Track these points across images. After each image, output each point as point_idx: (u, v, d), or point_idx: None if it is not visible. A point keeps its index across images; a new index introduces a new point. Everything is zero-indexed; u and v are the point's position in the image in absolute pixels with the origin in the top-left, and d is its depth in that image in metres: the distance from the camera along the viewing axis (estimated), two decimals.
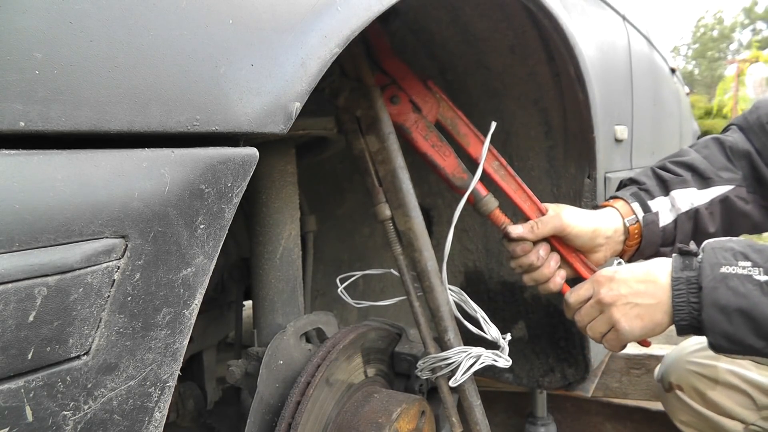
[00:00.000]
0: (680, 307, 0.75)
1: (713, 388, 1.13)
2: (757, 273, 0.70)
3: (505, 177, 0.93)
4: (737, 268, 0.71)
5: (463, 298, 0.82)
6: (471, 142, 0.91)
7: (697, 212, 0.95)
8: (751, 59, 17.84)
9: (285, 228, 0.81)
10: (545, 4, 0.86)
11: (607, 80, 1.18)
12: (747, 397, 1.10)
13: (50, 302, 0.34)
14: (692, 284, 0.75)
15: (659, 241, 0.96)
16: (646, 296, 0.79)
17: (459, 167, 0.88)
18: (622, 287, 0.81)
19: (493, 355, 0.78)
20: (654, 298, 0.78)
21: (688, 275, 0.75)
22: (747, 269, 0.71)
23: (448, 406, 0.78)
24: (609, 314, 0.81)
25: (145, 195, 0.38)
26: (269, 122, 0.47)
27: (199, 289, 0.43)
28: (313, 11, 0.51)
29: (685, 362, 1.18)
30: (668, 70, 2.34)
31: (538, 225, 0.91)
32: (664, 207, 0.96)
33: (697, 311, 0.73)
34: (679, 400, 1.18)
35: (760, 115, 0.97)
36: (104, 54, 0.36)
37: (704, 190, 0.96)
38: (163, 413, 0.42)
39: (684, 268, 0.77)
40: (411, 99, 0.88)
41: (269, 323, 0.81)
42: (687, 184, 0.96)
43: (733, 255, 0.73)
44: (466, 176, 0.88)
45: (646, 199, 0.96)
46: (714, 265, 0.73)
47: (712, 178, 0.96)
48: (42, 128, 0.34)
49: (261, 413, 0.69)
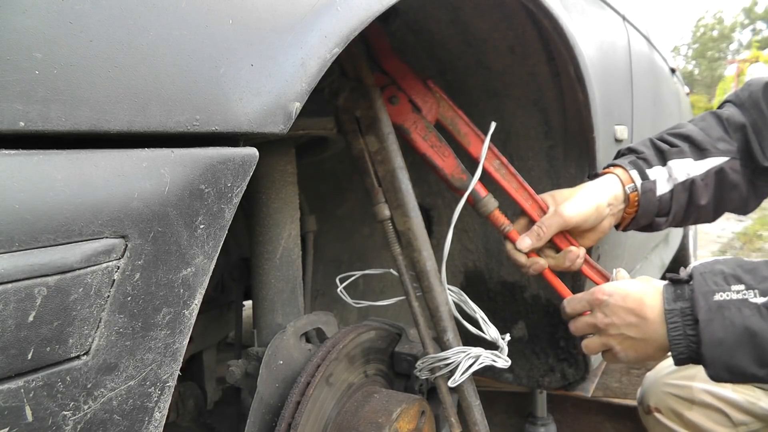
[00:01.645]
0: (677, 341, 0.73)
1: (690, 409, 1.13)
2: (752, 296, 0.67)
3: (507, 176, 0.93)
4: (731, 293, 0.68)
5: (462, 298, 0.82)
6: (472, 141, 0.91)
7: (693, 183, 0.94)
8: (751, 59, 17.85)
9: (285, 228, 0.81)
10: (545, 4, 0.86)
11: (607, 80, 1.18)
12: (723, 415, 1.10)
13: (50, 302, 0.34)
14: (687, 316, 0.72)
15: (655, 210, 0.96)
16: (637, 331, 0.78)
17: (458, 168, 0.88)
18: (615, 316, 0.80)
19: (492, 356, 0.78)
20: (645, 334, 0.77)
21: (682, 306, 0.73)
22: (741, 293, 0.68)
23: (447, 407, 0.78)
24: (605, 339, 0.82)
25: (145, 195, 0.38)
26: (269, 122, 0.47)
27: (199, 289, 0.43)
28: (313, 11, 0.51)
29: (662, 384, 1.19)
30: (668, 70, 2.34)
31: (543, 230, 0.90)
32: (661, 176, 0.96)
33: (696, 344, 0.71)
34: (659, 423, 1.19)
35: (751, 92, 0.98)
36: (104, 54, 0.36)
37: (700, 161, 0.96)
38: (163, 413, 0.42)
39: (676, 298, 0.74)
40: (410, 99, 0.87)
41: (269, 323, 0.81)
42: (684, 154, 0.96)
43: (725, 279, 0.70)
44: (465, 177, 0.88)
45: (644, 168, 0.96)
46: (706, 294, 0.69)
47: (708, 149, 0.96)
48: (42, 128, 0.34)
49: (261, 413, 0.69)
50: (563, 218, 0.89)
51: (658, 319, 0.75)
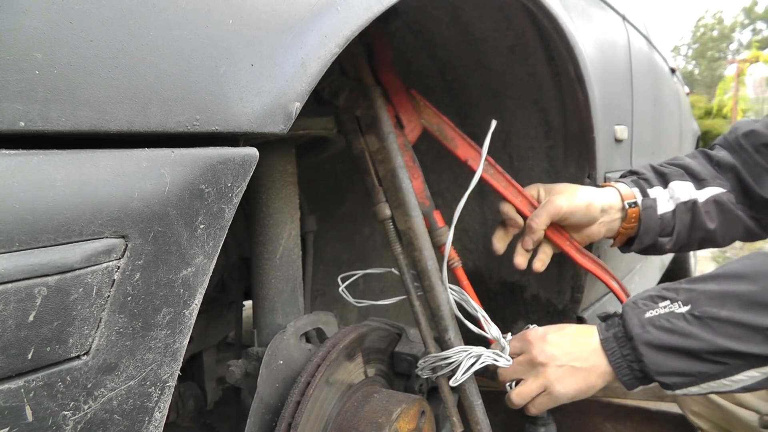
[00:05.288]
0: (618, 363, 0.77)
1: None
2: (677, 307, 0.74)
3: (495, 175, 0.95)
4: (659, 309, 0.75)
5: (463, 297, 0.82)
6: (459, 144, 0.93)
7: (695, 204, 0.96)
8: (751, 59, 17.87)
9: (285, 228, 0.81)
10: (545, 4, 0.86)
11: (607, 80, 1.18)
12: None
13: (50, 302, 0.34)
14: (620, 338, 0.77)
15: (657, 229, 0.97)
16: (579, 360, 0.80)
17: (423, 192, 0.88)
18: (556, 349, 0.81)
19: (494, 355, 0.78)
20: (587, 362, 0.79)
21: (615, 332, 0.78)
22: (668, 307, 0.75)
23: (449, 406, 0.78)
24: (543, 376, 0.81)
25: (145, 195, 0.38)
26: (269, 122, 0.47)
27: (199, 289, 0.43)
28: (313, 11, 0.51)
29: None
30: (668, 70, 2.34)
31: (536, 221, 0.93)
32: (662, 196, 0.97)
33: (633, 360, 0.76)
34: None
35: (737, 135, 1.00)
36: (104, 54, 0.36)
37: (700, 190, 0.97)
38: (163, 413, 0.42)
39: (608, 327, 0.80)
40: (397, 114, 0.89)
41: (269, 323, 0.81)
42: (685, 178, 0.98)
43: (651, 299, 0.77)
44: (428, 203, 0.88)
45: (645, 187, 0.98)
46: (638, 313, 0.76)
47: (706, 179, 0.98)
48: (42, 128, 0.34)
49: (261, 413, 0.69)
50: (554, 206, 0.92)
51: (597, 347, 0.79)
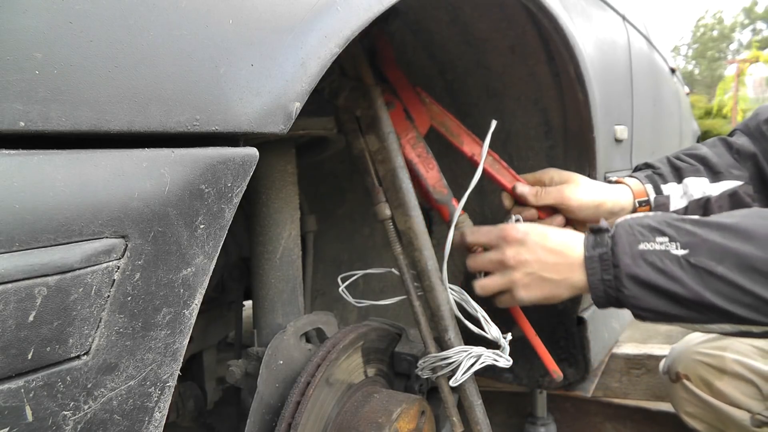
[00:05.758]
0: (595, 284, 0.76)
1: (720, 378, 1.15)
2: (674, 248, 0.71)
3: (500, 170, 0.96)
4: (655, 244, 0.72)
5: (464, 297, 0.82)
6: (464, 140, 0.94)
7: (708, 202, 0.95)
8: (751, 59, 17.87)
9: (285, 228, 0.81)
10: (545, 4, 0.86)
11: (607, 80, 1.18)
12: (753, 386, 1.12)
13: (50, 302, 0.34)
14: (606, 261, 0.75)
15: None
16: (553, 271, 0.78)
17: (440, 181, 0.89)
18: (530, 255, 0.80)
19: (494, 355, 0.78)
20: (559, 275, 0.78)
21: (600, 252, 0.76)
22: (665, 245, 0.72)
23: (449, 406, 0.78)
24: (510, 278, 0.81)
25: (145, 195, 0.38)
26: (269, 122, 0.47)
27: (199, 289, 0.43)
28: (313, 11, 0.51)
29: (693, 352, 1.20)
30: (668, 70, 2.34)
31: (541, 193, 0.93)
32: (675, 193, 0.96)
33: (612, 287, 0.74)
34: (686, 390, 1.20)
35: (759, 122, 0.99)
36: (104, 54, 0.36)
37: (715, 183, 0.96)
38: (163, 413, 0.42)
39: (596, 245, 0.77)
40: (405, 108, 0.90)
41: (269, 323, 0.81)
42: (700, 173, 0.97)
43: (650, 231, 0.74)
44: (446, 191, 0.89)
45: (659, 183, 0.97)
46: (632, 242, 0.74)
47: (722, 172, 0.96)
48: (42, 128, 0.34)
49: (261, 413, 0.69)
50: (562, 195, 0.92)
51: (577, 262, 0.77)
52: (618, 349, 1.73)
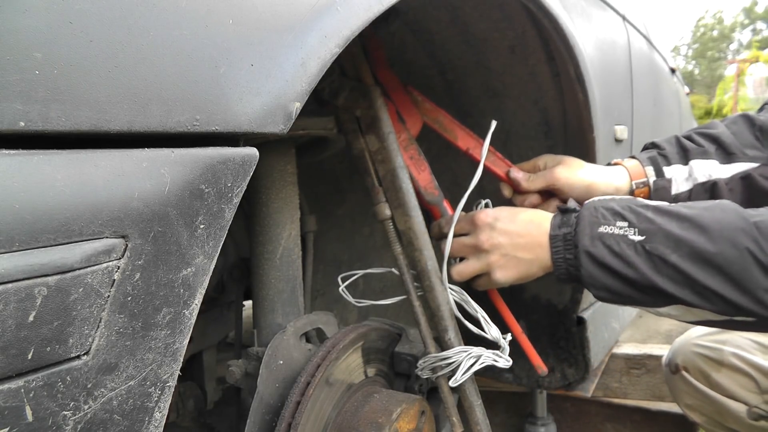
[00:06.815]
0: (558, 263, 0.78)
1: (718, 370, 1.16)
2: (632, 233, 0.73)
3: (496, 162, 0.97)
4: (614, 228, 0.75)
5: (463, 297, 0.82)
6: (458, 135, 0.95)
7: (715, 185, 0.93)
8: (751, 59, 17.88)
9: (285, 228, 0.81)
10: (545, 4, 0.86)
11: (607, 80, 1.18)
12: (751, 380, 1.13)
13: (50, 302, 0.34)
14: (568, 241, 0.78)
15: None
16: (524, 251, 0.81)
17: (432, 183, 0.90)
18: (503, 237, 0.82)
19: (494, 355, 0.78)
20: (532, 253, 0.80)
21: (565, 232, 0.78)
22: (623, 229, 0.74)
23: (449, 406, 0.78)
24: (486, 261, 0.83)
25: (145, 195, 0.38)
26: (269, 122, 0.47)
27: (199, 289, 0.43)
28: (313, 11, 0.51)
29: (692, 345, 1.22)
30: (668, 70, 2.34)
31: (533, 177, 0.95)
32: (680, 175, 0.95)
33: (574, 267, 0.77)
34: (685, 381, 1.21)
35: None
36: (104, 54, 0.36)
37: (726, 165, 0.95)
38: (163, 413, 0.42)
39: (561, 225, 0.79)
40: (397, 110, 0.90)
41: (269, 323, 0.81)
42: (708, 155, 0.96)
43: (613, 215, 0.76)
44: (437, 193, 0.90)
45: (662, 165, 0.97)
46: (593, 224, 0.76)
47: (736, 153, 0.95)
48: (42, 128, 0.34)
49: (261, 413, 0.69)
50: (552, 174, 0.93)
51: (544, 241, 0.80)
52: (618, 349, 1.73)
